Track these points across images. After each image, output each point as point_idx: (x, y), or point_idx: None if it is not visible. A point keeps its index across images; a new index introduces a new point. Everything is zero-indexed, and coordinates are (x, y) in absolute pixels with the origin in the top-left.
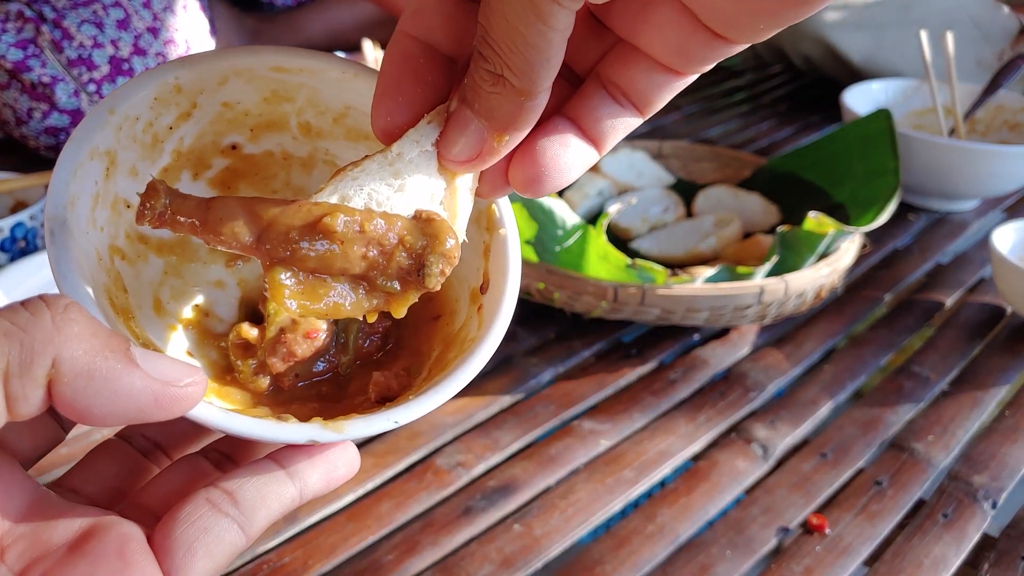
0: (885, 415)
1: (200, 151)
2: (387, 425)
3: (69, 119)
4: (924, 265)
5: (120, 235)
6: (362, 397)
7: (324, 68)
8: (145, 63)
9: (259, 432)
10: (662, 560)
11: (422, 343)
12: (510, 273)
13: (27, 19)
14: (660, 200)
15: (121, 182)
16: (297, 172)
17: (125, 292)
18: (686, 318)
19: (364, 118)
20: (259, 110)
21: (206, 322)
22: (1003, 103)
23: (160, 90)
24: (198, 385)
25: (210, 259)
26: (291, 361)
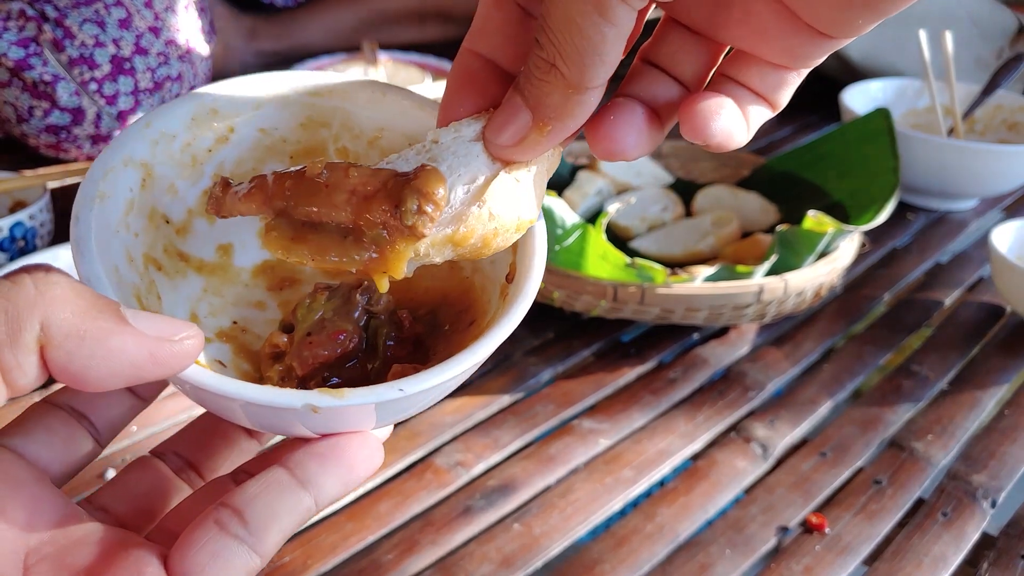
0: (884, 414)
1: (240, 177)
2: (392, 393)
3: (70, 118)
4: (923, 264)
5: (158, 248)
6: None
7: (354, 89)
8: (147, 63)
9: (250, 394)
10: (661, 559)
11: (453, 349)
12: (536, 258)
13: (29, 18)
14: (659, 199)
15: (161, 197)
16: None
17: (159, 299)
18: (685, 317)
19: (398, 138)
20: (296, 136)
21: (243, 337)
22: (1002, 102)
23: (197, 111)
24: (193, 339)
25: (252, 282)
26: (315, 363)
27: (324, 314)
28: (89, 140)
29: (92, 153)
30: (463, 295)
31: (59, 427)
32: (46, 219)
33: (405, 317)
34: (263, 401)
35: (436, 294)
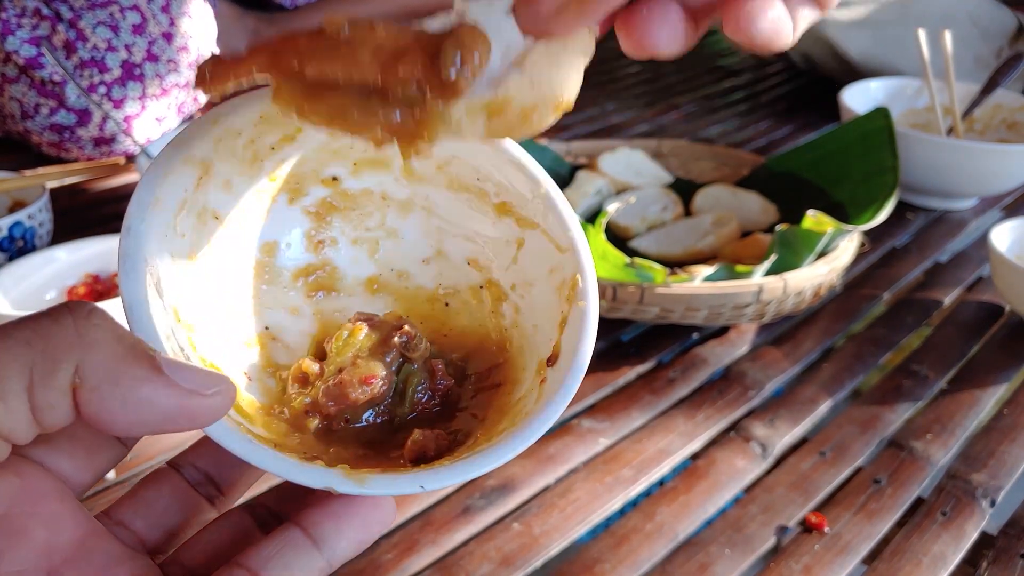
0: (884, 413)
1: (299, 177)
2: (411, 488)
3: (76, 118)
4: (922, 264)
5: (202, 245)
6: (400, 451)
7: None
8: (156, 69)
9: (273, 466)
10: (661, 559)
11: (479, 409)
12: (581, 351)
13: (43, 17)
14: (659, 199)
15: (213, 193)
16: (394, 214)
17: (196, 303)
18: (685, 317)
19: (468, 170)
20: (365, 145)
21: (272, 347)
22: (1001, 102)
23: (267, 109)
24: (223, 395)
25: (291, 285)
26: (343, 404)
27: (359, 351)
28: (92, 142)
29: (92, 155)
30: (498, 349)
31: (82, 433)
32: (45, 219)
33: (439, 369)
34: (284, 476)
35: (472, 339)
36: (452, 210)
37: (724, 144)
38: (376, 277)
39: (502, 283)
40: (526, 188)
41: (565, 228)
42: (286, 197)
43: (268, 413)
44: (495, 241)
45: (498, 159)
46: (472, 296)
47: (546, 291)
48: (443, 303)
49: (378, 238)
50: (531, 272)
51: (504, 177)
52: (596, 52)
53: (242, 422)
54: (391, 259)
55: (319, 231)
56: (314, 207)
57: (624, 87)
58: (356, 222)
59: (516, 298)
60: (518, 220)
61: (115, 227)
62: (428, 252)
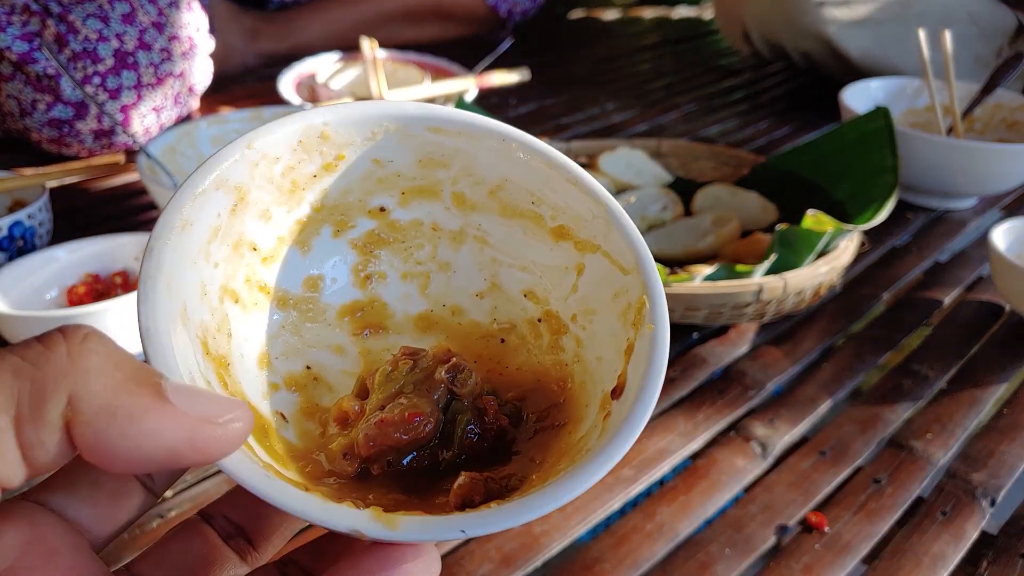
0: (884, 413)
1: (345, 208)
2: (451, 533)
3: (73, 111)
4: (922, 263)
5: (238, 277)
6: (444, 498)
7: (484, 135)
8: (150, 58)
9: (290, 504)
10: (661, 558)
11: (536, 451)
12: (650, 380)
13: (33, 12)
14: (658, 198)
15: (250, 223)
16: (445, 246)
17: (230, 337)
18: (685, 316)
19: (521, 193)
20: (412, 173)
21: (313, 388)
22: (1001, 101)
23: (306, 134)
24: (239, 422)
25: (336, 323)
26: (384, 446)
27: (403, 387)
28: (91, 135)
29: (94, 148)
30: (559, 386)
31: (105, 479)
32: (45, 218)
33: (490, 406)
34: (306, 516)
35: (530, 376)
36: (506, 239)
37: (724, 144)
38: (428, 313)
39: (561, 314)
40: (584, 208)
41: (629, 246)
42: (331, 229)
43: (302, 457)
44: (553, 269)
45: (553, 178)
46: (529, 331)
47: (610, 318)
48: (498, 340)
49: (429, 272)
50: (593, 299)
51: (560, 198)
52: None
53: (271, 463)
54: (443, 294)
55: (367, 265)
56: (361, 240)
57: (624, 87)
58: (405, 255)
59: (577, 329)
60: (577, 244)
61: (115, 227)
62: (482, 285)
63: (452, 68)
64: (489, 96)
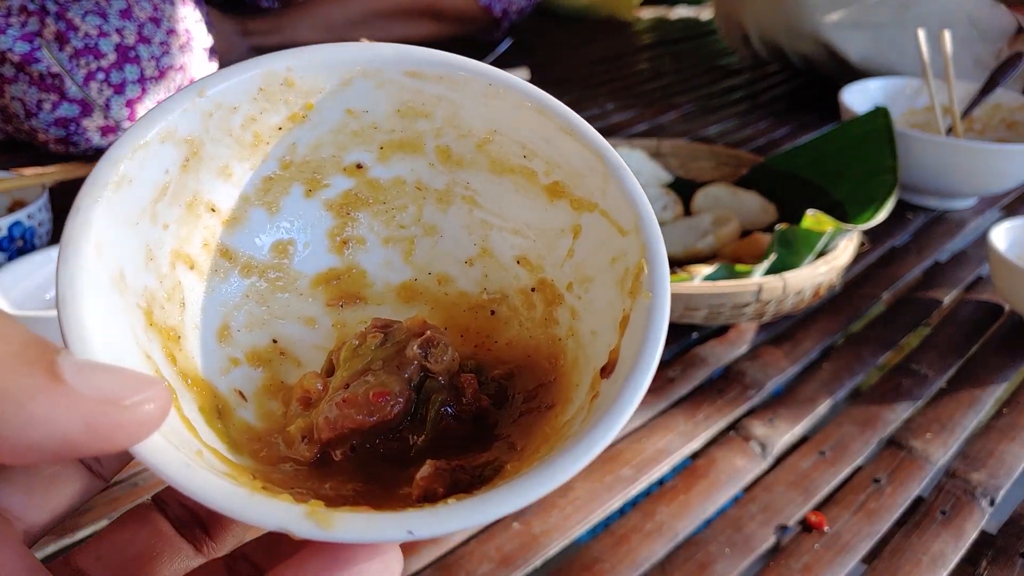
0: (883, 413)
1: (317, 164)
2: (395, 534)
3: (79, 109)
4: (922, 263)
5: (195, 241)
6: (410, 488)
7: (468, 79)
8: (151, 51)
9: (214, 498)
10: (661, 558)
11: (519, 436)
12: (643, 358)
13: (31, 12)
14: (658, 198)
15: (207, 181)
16: (431, 207)
17: (183, 307)
18: (684, 316)
19: (512, 146)
20: (390, 124)
21: (279, 364)
22: (1001, 101)
23: (267, 80)
24: (150, 404)
25: (308, 292)
26: (346, 428)
27: (371, 363)
28: (98, 132)
29: (101, 146)
30: (550, 363)
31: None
32: (45, 218)
33: (469, 385)
34: (229, 511)
35: (520, 350)
36: (497, 198)
37: (723, 144)
38: (411, 283)
39: (556, 283)
40: (580, 160)
41: (629, 203)
42: (302, 188)
43: (260, 441)
44: (547, 232)
45: (545, 127)
46: (522, 302)
47: (607, 287)
48: (488, 311)
49: (414, 236)
50: (590, 266)
51: (554, 149)
52: (596, 51)
53: (218, 448)
54: (429, 261)
55: (344, 229)
56: (337, 201)
57: (624, 87)
58: (387, 218)
59: (572, 300)
60: (573, 202)
61: None
62: (472, 251)
63: None
64: None
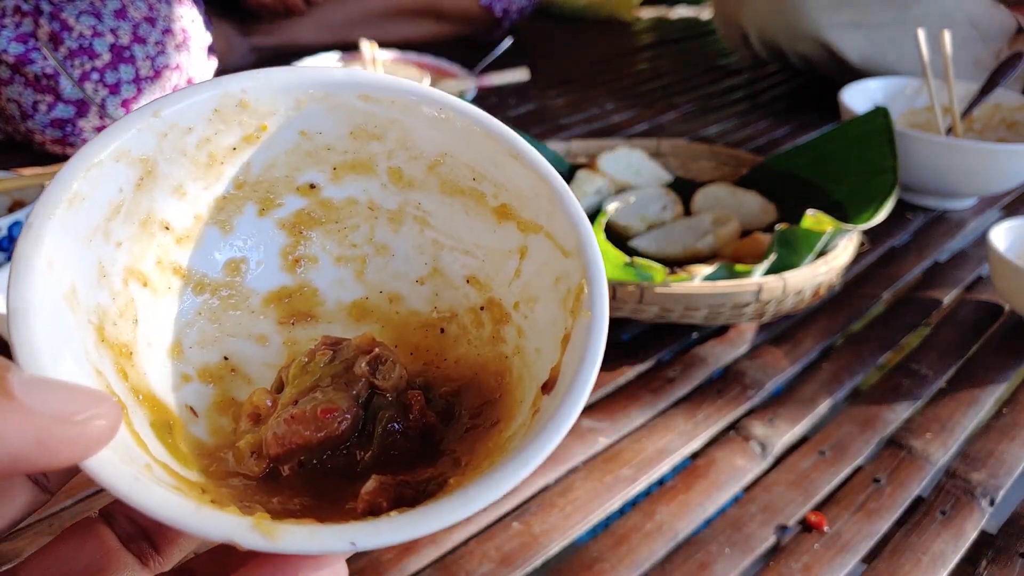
0: (883, 413)
1: (270, 184)
2: (338, 544)
3: (74, 110)
4: (922, 263)
5: (148, 259)
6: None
7: (419, 103)
8: (146, 51)
9: (162, 510)
10: (661, 558)
11: (464, 452)
12: (582, 373)
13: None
14: (658, 198)
15: (161, 199)
16: (384, 227)
17: (135, 324)
18: (684, 316)
19: (462, 169)
20: (343, 146)
21: (230, 381)
22: (1000, 101)
23: (222, 102)
24: (101, 420)
25: (260, 310)
26: (294, 444)
27: (319, 380)
28: (95, 132)
29: None
30: (497, 379)
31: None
32: None
33: (416, 401)
34: (175, 522)
35: (468, 368)
36: (448, 219)
37: (723, 143)
38: (363, 301)
39: (504, 302)
40: (527, 184)
41: (571, 227)
42: (255, 208)
43: (210, 456)
44: (496, 252)
45: (494, 151)
46: (471, 320)
47: (551, 306)
48: (438, 329)
49: (366, 255)
50: (535, 285)
51: (502, 173)
52: (596, 51)
53: (167, 463)
54: (381, 280)
55: (296, 247)
56: (290, 220)
57: (624, 87)
58: (340, 237)
59: (519, 319)
60: (520, 224)
61: None
62: (423, 270)
63: (452, 68)
64: (489, 96)
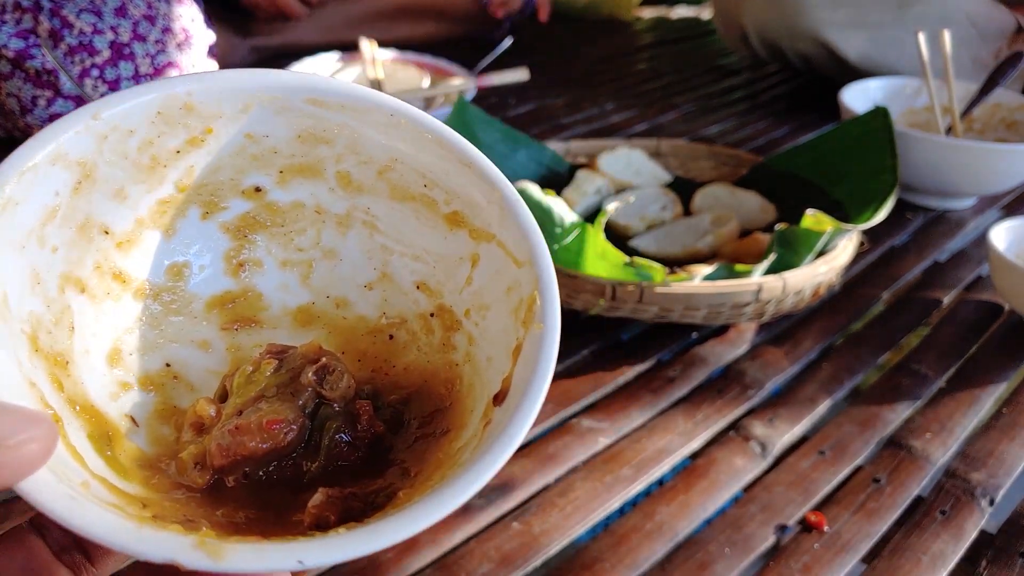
0: (883, 413)
1: (214, 187)
2: (285, 563)
3: (73, 105)
4: (921, 263)
5: (86, 264)
6: (303, 516)
7: (369, 108)
8: (146, 49)
9: (100, 532)
10: (660, 558)
11: (413, 462)
12: (533, 385)
13: (25, 9)
14: (658, 198)
15: (101, 203)
16: (331, 231)
17: (72, 331)
18: (684, 316)
19: (412, 175)
20: (291, 149)
21: (172, 388)
22: (1000, 101)
23: (165, 104)
24: (34, 444)
25: (203, 315)
26: (238, 456)
27: (265, 390)
28: None
29: None
30: (446, 388)
31: None
32: None
33: (364, 411)
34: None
35: (417, 376)
36: (398, 224)
37: (723, 143)
38: (309, 306)
39: (455, 309)
40: (479, 192)
41: (523, 236)
42: (199, 211)
43: (151, 466)
44: (447, 259)
45: (446, 159)
46: (421, 326)
47: (503, 315)
48: (386, 336)
49: (312, 259)
50: (487, 294)
51: (454, 181)
52: (596, 51)
53: (106, 476)
54: (327, 284)
55: (241, 251)
56: (234, 223)
57: (623, 87)
58: (285, 241)
59: (470, 326)
60: (472, 232)
61: None
62: (371, 275)
63: (451, 68)
64: (488, 96)
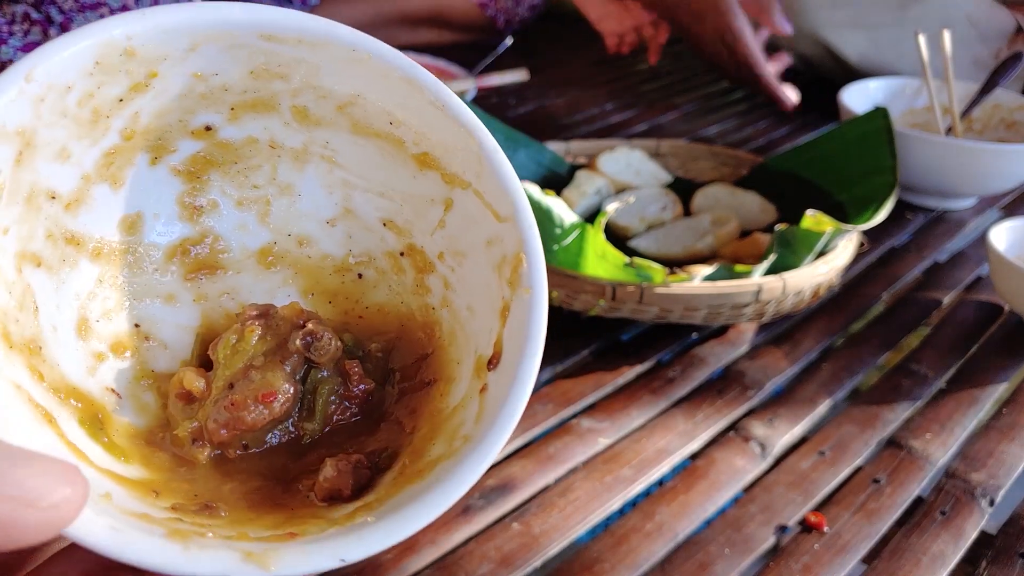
0: (883, 413)
1: (161, 131)
2: (329, 563)
3: None
4: (921, 263)
5: (38, 236)
6: (310, 481)
7: (328, 42)
8: None
9: (152, 561)
10: (660, 558)
11: (407, 417)
12: (529, 351)
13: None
14: (658, 198)
15: (44, 168)
16: (287, 166)
17: (37, 312)
18: (684, 316)
19: (377, 112)
20: (242, 86)
21: (145, 350)
22: (1000, 101)
23: (103, 52)
24: (71, 504)
25: (164, 266)
26: (237, 430)
27: (252, 359)
28: None
29: None
30: (426, 335)
31: None
32: None
33: (354, 372)
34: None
35: (394, 318)
36: (360, 160)
37: (723, 144)
38: (270, 247)
39: (427, 250)
40: (453, 137)
41: (504, 192)
42: (147, 157)
43: (148, 442)
44: (416, 198)
45: (415, 99)
46: (391, 265)
47: (483, 267)
48: (355, 274)
49: (269, 196)
50: (463, 240)
51: (424, 123)
52: (596, 51)
53: (112, 469)
54: (287, 222)
55: (195, 194)
56: (185, 165)
57: (623, 87)
58: (240, 179)
59: (445, 270)
60: (445, 176)
61: None
62: (333, 211)
63: (452, 69)
64: (489, 96)
